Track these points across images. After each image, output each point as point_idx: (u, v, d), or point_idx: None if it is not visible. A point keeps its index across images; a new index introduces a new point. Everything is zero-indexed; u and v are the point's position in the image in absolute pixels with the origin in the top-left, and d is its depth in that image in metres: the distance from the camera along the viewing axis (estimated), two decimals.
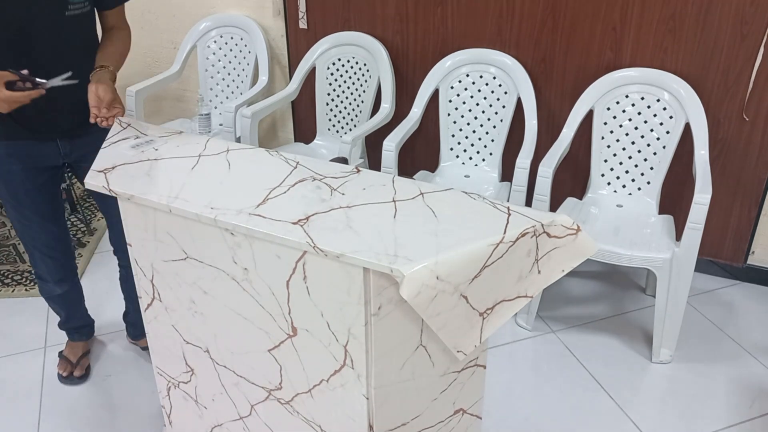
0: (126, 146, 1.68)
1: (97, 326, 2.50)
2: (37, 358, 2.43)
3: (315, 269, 1.31)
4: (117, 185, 1.52)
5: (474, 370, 1.52)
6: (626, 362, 2.39)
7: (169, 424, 1.95)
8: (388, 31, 2.96)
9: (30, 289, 2.78)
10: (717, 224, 2.74)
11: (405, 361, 1.37)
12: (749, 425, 2.13)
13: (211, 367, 1.68)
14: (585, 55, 2.64)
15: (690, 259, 2.22)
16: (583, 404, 2.21)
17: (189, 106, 3.64)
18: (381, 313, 1.28)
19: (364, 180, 1.49)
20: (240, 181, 1.50)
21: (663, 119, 2.51)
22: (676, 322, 2.33)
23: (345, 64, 3.05)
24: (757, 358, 2.41)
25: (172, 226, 1.51)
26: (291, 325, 1.42)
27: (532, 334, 2.53)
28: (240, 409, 1.69)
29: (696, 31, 2.45)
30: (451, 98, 2.82)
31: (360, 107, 3.04)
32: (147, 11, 3.50)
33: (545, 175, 2.34)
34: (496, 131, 2.79)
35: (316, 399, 1.48)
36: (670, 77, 2.48)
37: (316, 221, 1.33)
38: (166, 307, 1.67)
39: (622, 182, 2.62)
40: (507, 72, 2.72)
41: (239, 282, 1.45)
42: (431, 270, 1.20)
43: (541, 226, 1.31)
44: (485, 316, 1.30)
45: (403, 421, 1.45)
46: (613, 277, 2.87)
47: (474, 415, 1.60)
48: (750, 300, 2.73)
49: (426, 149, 3.08)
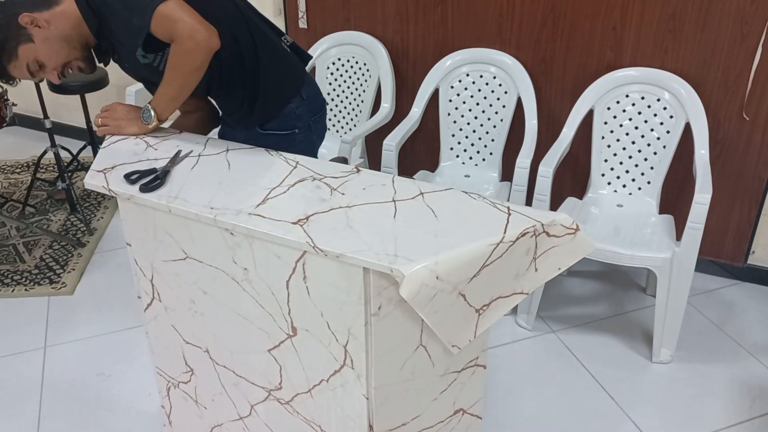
0: (126, 146, 1.68)
1: (97, 326, 2.50)
2: (37, 358, 2.43)
3: (315, 269, 1.31)
4: (117, 185, 1.52)
5: (474, 370, 1.52)
6: (626, 362, 2.39)
7: (169, 424, 1.95)
8: (388, 30, 2.96)
9: (30, 289, 2.78)
10: (717, 224, 2.74)
11: (405, 361, 1.37)
12: (749, 425, 2.12)
13: (210, 367, 1.68)
14: (585, 54, 2.64)
15: (690, 259, 2.21)
16: (583, 404, 2.21)
17: None
18: (381, 313, 1.28)
19: (364, 180, 1.49)
20: (240, 180, 1.50)
21: (663, 119, 2.51)
22: (676, 322, 2.33)
23: (345, 63, 3.05)
24: (757, 358, 2.41)
25: (171, 226, 1.51)
26: (291, 325, 1.42)
27: (532, 334, 2.53)
28: (240, 409, 1.69)
29: (696, 30, 2.44)
30: (451, 98, 2.82)
31: (360, 107, 3.04)
32: None
33: (545, 175, 2.34)
34: (496, 131, 2.79)
35: (316, 399, 1.48)
36: (671, 77, 2.48)
37: (315, 221, 1.33)
38: (166, 307, 1.67)
39: (623, 182, 2.62)
40: (507, 72, 2.72)
41: (239, 282, 1.45)
42: (431, 270, 1.19)
43: (541, 225, 1.31)
44: (481, 312, 1.31)
45: (403, 421, 1.45)
46: (613, 276, 2.87)
47: (474, 415, 1.60)
48: (750, 300, 2.72)
49: (426, 149, 3.07)
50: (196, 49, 1.54)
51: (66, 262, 2.95)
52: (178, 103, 1.70)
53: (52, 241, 3.10)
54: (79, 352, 2.46)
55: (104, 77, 3.24)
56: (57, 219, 3.29)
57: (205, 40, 1.54)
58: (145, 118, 1.70)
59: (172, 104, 1.68)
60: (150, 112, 1.69)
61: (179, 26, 1.52)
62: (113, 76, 3.49)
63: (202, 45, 1.54)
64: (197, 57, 1.56)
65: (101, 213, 3.35)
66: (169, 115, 1.72)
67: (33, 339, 2.52)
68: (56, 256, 3.00)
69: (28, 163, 3.84)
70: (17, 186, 3.61)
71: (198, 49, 1.54)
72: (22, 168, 3.81)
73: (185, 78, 1.61)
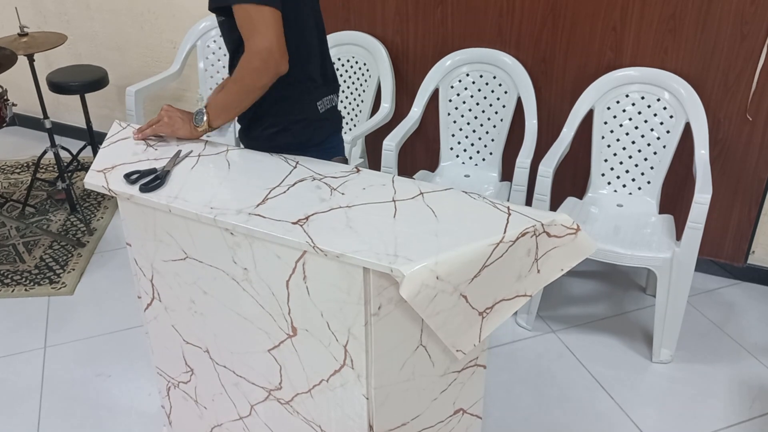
0: (126, 146, 1.68)
1: (97, 326, 2.50)
2: (37, 358, 2.43)
3: (315, 269, 1.31)
4: (117, 185, 1.52)
5: (474, 370, 1.52)
6: (626, 362, 2.39)
7: (169, 424, 1.95)
8: (388, 30, 2.95)
9: (30, 289, 2.78)
10: (717, 224, 2.74)
11: (405, 361, 1.37)
12: (749, 425, 2.12)
13: (210, 367, 1.67)
14: (585, 54, 2.64)
15: (690, 259, 2.21)
16: (583, 404, 2.21)
17: (188, 105, 3.63)
18: (381, 313, 1.28)
19: (364, 180, 1.48)
20: (239, 180, 1.50)
21: (663, 119, 2.51)
22: (676, 321, 2.33)
23: (345, 63, 3.05)
24: (757, 357, 2.41)
25: (171, 225, 1.51)
26: (291, 325, 1.42)
27: (532, 334, 2.53)
28: (240, 409, 1.69)
29: (696, 30, 2.44)
30: (451, 98, 2.82)
31: (360, 107, 3.04)
32: (147, 11, 3.50)
33: (545, 175, 2.34)
34: (496, 131, 2.79)
35: (316, 399, 1.48)
36: (671, 77, 2.48)
37: (315, 221, 1.33)
38: (166, 307, 1.67)
39: (623, 182, 2.61)
40: (507, 71, 2.72)
41: (239, 282, 1.45)
42: (431, 270, 1.19)
43: (541, 225, 1.31)
44: (484, 316, 1.30)
45: (403, 421, 1.45)
46: (613, 276, 2.87)
47: (474, 415, 1.60)
48: (750, 300, 2.72)
49: (426, 149, 3.07)
50: (264, 71, 1.50)
51: (66, 262, 2.95)
52: (232, 116, 1.65)
53: (52, 241, 3.10)
54: (79, 352, 2.46)
55: (104, 77, 3.24)
56: (57, 219, 3.29)
57: (275, 65, 1.50)
58: (197, 120, 1.65)
59: (225, 114, 1.64)
60: (203, 115, 1.64)
61: (257, 38, 1.47)
62: (113, 76, 3.49)
63: (270, 69, 1.50)
64: (262, 78, 1.52)
65: (101, 213, 3.35)
66: (221, 125, 1.67)
67: (33, 339, 2.52)
68: (56, 256, 3.00)
69: (28, 163, 3.84)
70: (17, 186, 3.61)
71: (266, 71, 1.50)
72: (22, 168, 3.81)
73: (245, 93, 1.57)
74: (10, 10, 3.64)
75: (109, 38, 3.71)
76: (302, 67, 1.66)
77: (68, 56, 3.84)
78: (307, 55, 1.68)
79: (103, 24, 3.68)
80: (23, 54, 2.88)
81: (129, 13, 3.58)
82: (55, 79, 3.17)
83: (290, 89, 1.66)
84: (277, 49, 1.48)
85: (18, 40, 2.95)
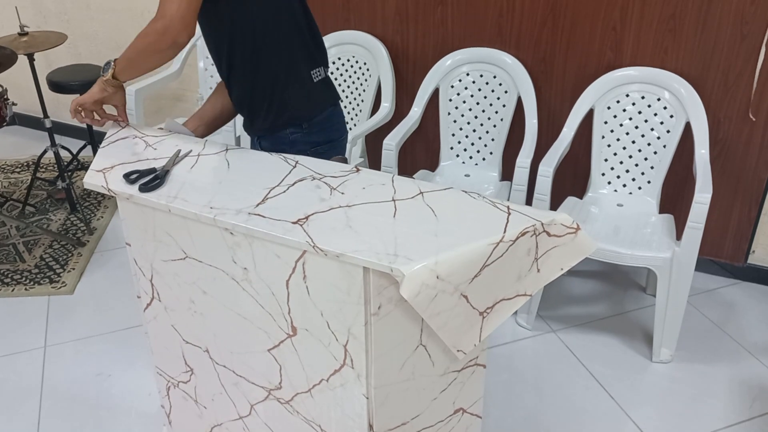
0: (126, 146, 1.68)
1: (97, 326, 2.50)
2: (37, 358, 2.43)
3: (315, 269, 1.31)
4: (116, 185, 1.52)
5: (474, 370, 1.52)
6: (626, 362, 2.39)
7: (169, 424, 1.95)
8: (388, 30, 2.95)
9: (30, 289, 2.78)
10: (717, 223, 2.74)
11: (405, 361, 1.37)
12: (749, 425, 2.12)
13: (210, 366, 1.67)
14: (585, 54, 2.63)
15: (690, 259, 2.21)
16: (583, 404, 2.21)
17: (189, 105, 3.63)
18: (381, 312, 1.28)
19: (364, 179, 1.48)
20: (239, 180, 1.50)
21: (663, 118, 2.51)
22: (676, 321, 2.33)
23: (345, 63, 3.04)
24: (757, 357, 2.41)
25: (171, 225, 1.51)
26: (291, 325, 1.42)
27: (532, 334, 2.53)
28: (240, 409, 1.69)
29: (696, 30, 2.44)
30: (451, 97, 2.82)
31: (360, 106, 3.04)
32: (147, 11, 3.50)
33: (545, 174, 2.34)
34: (497, 130, 2.79)
35: (316, 399, 1.48)
36: (671, 76, 2.48)
37: (315, 221, 1.33)
38: (166, 306, 1.67)
39: (623, 181, 2.61)
40: (507, 71, 2.72)
41: (239, 282, 1.45)
42: (431, 269, 1.19)
43: (541, 225, 1.31)
44: (485, 315, 1.30)
45: (403, 420, 1.45)
46: (613, 276, 2.87)
47: (474, 415, 1.60)
48: (750, 299, 2.72)
49: (426, 148, 3.07)
50: (162, 35, 1.53)
51: (66, 262, 2.95)
52: (136, 72, 1.66)
53: (52, 241, 3.10)
54: (79, 351, 2.46)
55: None
56: (57, 218, 3.29)
57: (174, 33, 1.53)
58: (104, 69, 1.68)
59: (129, 68, 1.65)
60: (110, 66, 1.67)
61: (169, 4, 1.52)
62: None
63: (168, 36, 1.53)
64: (160, 42, 1.55)
65: (101, 212, 3.35)
66: (126, 80, 1.69)
67: (33, 339, 2.52)
68: (56, 256, 3.00)
69: (28, 163, 3.84)
70: (17, 185, 3.61)
71: (164, 36, 1.53)
72: (22, 167, 3.81)
73: (146, 53, 1.59)
74: (10, 9, 3.64)
75: (109, 38, 3.71)
76: (289, 43, 1.72)
77: (68, 56, 3.84)
78: (296, 28, 1.74)
79: (103, 24, 3.68)
80: (23, 53, 2.88)
81: (129, 13, 3.58)
82: (55, 78, 3.17)
83: (280, 65, 1.71)
84: (180, 20, 1.52)
85: (18, 39, 2.95)
